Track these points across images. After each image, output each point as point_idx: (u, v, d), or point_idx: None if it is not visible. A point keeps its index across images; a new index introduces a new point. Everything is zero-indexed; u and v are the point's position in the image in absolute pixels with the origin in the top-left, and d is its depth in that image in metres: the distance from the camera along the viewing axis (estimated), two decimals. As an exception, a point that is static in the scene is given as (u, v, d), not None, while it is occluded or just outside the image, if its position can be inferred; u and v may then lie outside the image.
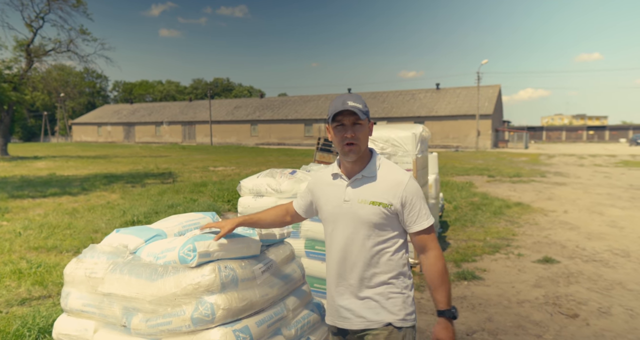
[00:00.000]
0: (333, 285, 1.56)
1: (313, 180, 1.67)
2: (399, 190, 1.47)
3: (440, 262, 1.48)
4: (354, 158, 1.48)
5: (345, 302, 1.52)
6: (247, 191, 2.99)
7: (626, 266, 4.40)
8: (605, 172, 15.36)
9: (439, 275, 1.46)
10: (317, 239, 2.74)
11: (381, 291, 1.49)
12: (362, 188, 1.49)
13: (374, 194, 1.48)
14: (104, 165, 19.14)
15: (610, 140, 59.13)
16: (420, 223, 1.48)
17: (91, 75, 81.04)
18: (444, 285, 1.46)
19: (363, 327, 1.50)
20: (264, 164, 20.20)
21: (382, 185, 1.49)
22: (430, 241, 1.49)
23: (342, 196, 1.51)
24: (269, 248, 1.86)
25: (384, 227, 1.48)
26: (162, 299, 1.45)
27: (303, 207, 1.70)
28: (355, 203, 1.48)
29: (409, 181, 1.49)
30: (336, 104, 1.45)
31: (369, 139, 1.53)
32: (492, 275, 4.17)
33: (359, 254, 1.49)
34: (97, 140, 59.40)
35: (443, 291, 1.46)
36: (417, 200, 1.48)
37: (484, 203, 8.31)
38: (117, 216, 7.02)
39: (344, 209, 1.50)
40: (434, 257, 1.48)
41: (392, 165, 1.56)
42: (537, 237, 5.75)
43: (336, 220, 1.52)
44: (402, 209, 1.47)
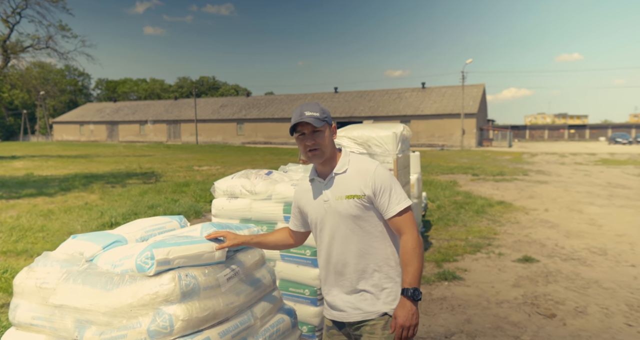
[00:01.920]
0: (328, 281, 1.63)
1: (296, 194, 1.73)
2: (368, 178, 1.52)
3: (411, 242, 1.50)
4: (318, 161, 1.57)
5: (341, 297, 1.58)
6: (221, 193, 2.90)
7: (603, 264, 4.46)
8: (585, 170, 15.69)
9: (407, 255, 1.49)
10: (293, 242, 2.67)
11: (375, 282, 1.54)
12: (336, 185, 1.56)
13: (348, 188, 1.54)
14: (85, 165, 18.68)
15: (590, 138, 60.65)
16: (392, 208, 1.52)
17: (73, 73, 79.13)
18: (410, 265, 1.48)
19: (360, 319, 1.56)
20: (249, 163, 20.02)
21: (353, 178, 1.55)
22: (403, 225, 1.52)
23: (321, 197, 1.59)
24: (237, 253, 1.79)
25: (364, 218, 1.54)
26: (117, 311, 1.37)
27: (297, 222, 1.75)
28: (333, 201, 1.55)
29: (376, 168, 1.54)
30: (295, 116, 1.54)
31: (332, 141, 1.59)
32: (473, 275, 4.17)
33: (348, 249, 1.55)
34: (79, 139, 58.04)
35: (408, 271, 1.48)
36: (387, 185, 1.52)
37: (467, 202, 8.37)
38: (94, 218, 6.82)
39: (325, 209, 1.57)
40: (406, 239, 1.51)
41: (361, 158, 1.62)
42: (518, 236, 5.80)
43: (321, 221, 1.59)
44: (374, 197, 1.53)
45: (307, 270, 2.60)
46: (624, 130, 57.60)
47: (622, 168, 16.33)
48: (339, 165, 1.58)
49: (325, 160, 1.57)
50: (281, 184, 2.74)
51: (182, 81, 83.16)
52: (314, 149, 1.53)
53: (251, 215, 2.78)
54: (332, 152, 1.59)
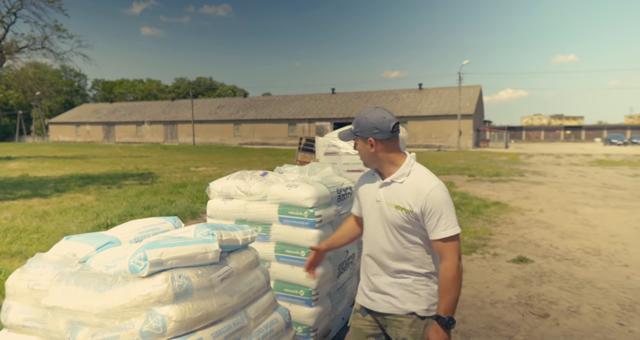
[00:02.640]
0: (365, 269, 1.73)
1: (359, 180, 1.84)
2: (420, 198, 1.56)
3: (450, 272, 1.54)
4: (367, 167, 1.73)
5: (374, 287, 1.69)
6: (217, 194, 2.91)
7: (596, 264, 4.49)
8: (580, 171, 15.78)
9: (445, 284, 1.54)
10: (287, 243, 2.68)
11: (408, 284, 1.62)
12: (390, 191, 1.64)
13: (399, 198, 1.60)
14: (81, 166, 18.61)
15: (586, 139, 61.00)
16: (438, 233, 1.55)
17: (69, 74, 78.79)
18: (448, 294, 1.53)
19: (388, 312, 1.65)
20: (246, 164, 20.00)
21: (407, 191, 1.60)
22: (446, 251, 1.55)
23: (375, 196, 1.68)
24: (231, 254, 1.79)
25: (409, 229, 1.60)
26: (109, 312, 1.37)
27: (359, 208, 1.85)
28: (384, 204, 1.64)
29: (432, 191, 1.56)
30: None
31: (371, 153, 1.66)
32: (468, 276, 4.19)
33: (391, 249, 1.63)
34: (75, 140, 57.79)
35: (445, 300, 1.54)
36: (437, 210, 1.55)
37: (463, 203, 8.40)
38: (89, 219, 6.80)
39: (376, 208, 1.67)
40: (445, 267, 1.55)
41: (422, 172, 1.65)
42: (513, 236, 5.83)
43: (369, 215, 1.70)
44: (422, 216, 1.57)
45: (302, 271, 2.61)
46: (619, 131, 57.98)
47: (617, 169, 16.44)
48: (398, 173, 1.63)
49: (380, 165, 1.67)
50: (276, 185, 2.75)
51: (179, 82, 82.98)
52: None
53: (246, 216, 2.78)
54: (379, 163, 1.67)
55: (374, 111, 1.66)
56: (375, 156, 1.66)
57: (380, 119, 1.63)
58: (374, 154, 1.65)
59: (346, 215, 3.04)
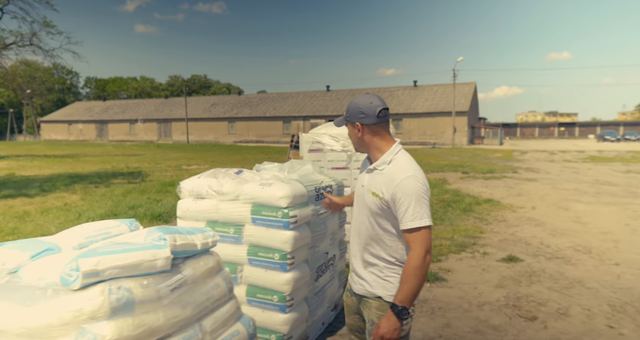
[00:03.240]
0: (350, 251, 1.82)
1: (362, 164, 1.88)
2: (391, 186, 1.57)
3: (412, 262, 1.53)
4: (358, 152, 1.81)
5: (354, 269, 1.77)
6: (187, 193, 2.75)
7: (587, 263, 4.39)
8: (573, 167, 15.76)
9: (406, 272, 1.54)
10: (260, 245, 2.53)
11: (380, 269, 1.66)
12: (371, 177, 1.68)
13: (376, 185, 1.64)
14: (71, 165, 18.32)
15: (580, 136, 61.30)
16: (405, 223, 1.55)
17: (61, 72, 77.80)
18: (406, 283, 1.52)
19: (361, 293, 1.72)
20: (240, 162, 19.81)
21: (382, 179, 1.62)
22: (412, 241, 1.55)
23: (361, 180, 1.75)
24: (187, 261, 1.64)
25: (382, 216, 1.62)
26: (34, 331, 1.21)
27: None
28: (366, 190, 1.69)
29: (403, 180, 1.56)
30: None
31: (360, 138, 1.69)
32: (456, 276, 4.07)
33: (366, 233, 1.68)
34: (67, 139, 57.15)
35: (402, 289, 1.53)
36: (407, 200, 1.54)
37: (455, 200, 8.30)
38: (71, 219, 6.61)
39: (360, 192, 1.73)
40: (411, 256, 1.54)
41: (402, 162, 1.64)
42: (504, 234, 5.72)
43: (357, 199, 1.77)
44: (392, 205, 1.58)
45: (276, 275, 2.47)
46: (612, 127, 58.29)
47: (609, 165, 16.43)
48: (380, 161, 1.66)
49: (367, 150, 1.71)
50: (249, 184, 2.60)
51: (173, 80, 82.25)
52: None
53: (218, 216, 2.63)
54: (367, 148, 1.71)
55: (364, 96, 1.68)
56: (362, 141, 1.70)
57: (368, 104, 1.65)
58: (361, 139, 1.69)
59: (324, 214, 2.90)
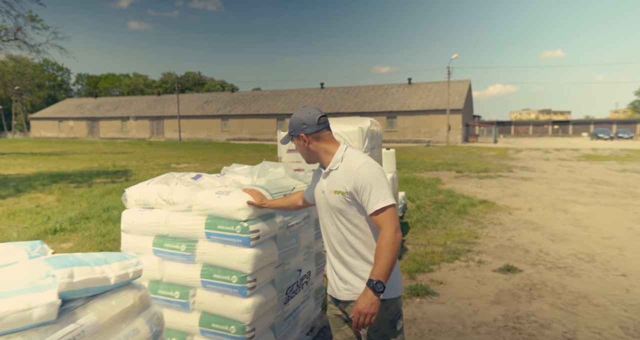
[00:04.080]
0: (328, 261, 1.81)
1: (314, 173, 1.93)
2: (351, 177, 1.63)
3: (386, 238, 1.57)
4: (310, 164, 1.86)
5: (334, 276, 1.78)
6: (134, 202, 2.34)
7: (591, 274, 4.04)
8: (569, 166, 15.50)
9: (379, 249, 1.57)
10: (216, 265, 2.13)
11: (361, 268, 1.67)
12: (330, 179, 1.72)
13: (336, 183, 1.69)
14: (56, 163, 17.78)
15: (573, 134, 61.41)
16: (371, 206, 1.60)
17: (51, 68, 76.49)
18: (380, 260, 1.55)
19: (347, 299, 1.71)
20: (231, 160, 19.40)
21: (340, 175, 1.68)
22: (382, 221, 1.60)
23: (320, 187, 1.78)
24: (91, 302, 1.24)
25: (349, 212, 1.67)
26: None
27: (311, 195, 1.95)
28: (327, 193, 1.72)
29: (360, 167, 1.63)
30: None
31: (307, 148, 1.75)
32: (449, 289, 3.70)
33: (337, 236, 1.72)
34: (58, 136, 56.23)
35: (377, 265, 1.56)
36: (368, 184, 1.60)
37: (449, 201, 7.94)
38: (38, 223, 6.16)
39: (322, 199, 1.76)
40: (382, 234, 1.58)
41: (354, 155, 1.71)
42: (500, 239, 5.37)
43: (319, 206, 1.80)
44: (356, 194, 1.63)
45: (233, 301, 2.07)
46: (606, 125, 58.40)
47: (605, 164, 16.20)
48: (332, 162, 1.72)
49: (318, 158, 1.76)
50: (204, 192, 2.19)
51: (166, 76, 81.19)
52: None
53: (167, 230, 2.23)
54: (316, 155, 1.76)
55: (302, 110, 1.75)
56: (310, 150, 1.75)
57: (307, 115, 1.73)
58: (309, 149, 1.75)
59: (296, 226, 2.50)
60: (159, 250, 2.22)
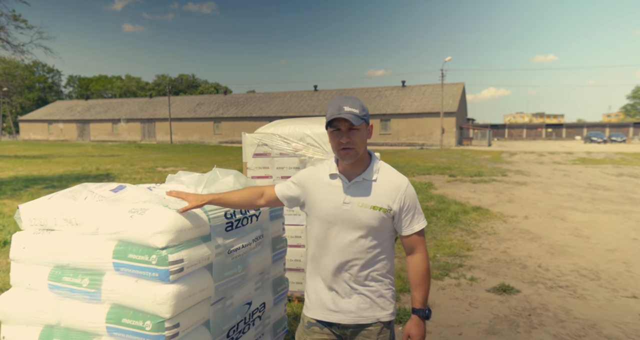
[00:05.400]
0: (319, 279, 1.60)
1: (306, 175, 1.64)
2: (399, 194, 1.51)
3: (424, 263, 1.55)
4: (350, 161, 1.51)
5: (335, 298, 1.57)
6: (28, 222, 1.84)
7: (597, 294, 3.58)
8: (564, 170, 15.17)
9: (420, 276, 1.53)
10: (126, 306, 1.63)
11: (375, 289, 1.55)
12: (362, 191, 1.52)
13: (375, 198, 1.51)
14: (38, 166, 17.15)
15: (567, 137, 61.57)
16: (412, 226, 1.54)
17: (42, 70, 75.36)
18: (423, 285, 1.53)
19: (355, 323, 1.56)
20: (220, 163, 18.89)
21: (382, 189, 1.52)
22: (419, 243, 1.55)
23: (341, 198, 1.53)
24: None
25: (381, 230, 1.53)
26: None
27: (287, 196, 1.67)
28: (355, 206, 1.51)
29: (408, 185, 1.55)
30: (332, 110, 1.46)
31: (366, 142, 1.52)
32: (437, 314, 3.22)
33: (357, 255, 1.53)
34: (47, 139, 55.26)
35: (421, 291, 1.53)
36: (413, 204, 1.54)
37: (440, 208, 7.49)
38: (-11, 234, 5.60)
39: (343, 211, 1.52)
40: (419, 259, 1.54)
41: (390, 168, 1.59)
42: (495, 252, 4.91)
43: (334, 221, 1.54)
44: (399, 213, 1.52)
45: (147, 354, 1.57)
46: (599, 129, 58.60)
47: (600, 168, 15.90)
48: (370, 171, 1.54)
49: (356, 160, 1.52)
50: (114, 210, 1.69)
51: (160, 79, 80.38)
52: (348, 148, 1.47)
53: (68, 260, 1.72)
54: (364, 155, 1.54)
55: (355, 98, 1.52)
56: (366, 146, 1.54)
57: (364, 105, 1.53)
58: (366, 143, 1.53)
59: (243, 250, 2.01)
60: (56, 286, 1.72)
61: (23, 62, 63.03)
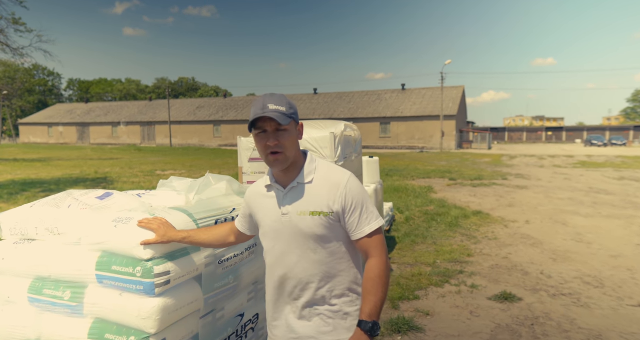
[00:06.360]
0: (278, 304, 1.41)
1: (249, 193, 1.50)
2: (338, 193, 1.32)
3: (377, 269, 1.31)
4: (281, 168, 1.33)
5: (295, 322, 1.37)
6: (8, 231, 1.76)
7: (602, 303, 3.49)
8: (564, 173, 15.08)
9: (370, 283, 1.30)
10: (110, 321, 1.55)
11: (337, 308, 1.35)
12: (299, 197, 1.35)
13: (313, 202, 1.33)
14: (37, 170, 17.08)
15: (567, 140, 61.49)
16: (362, 229, 1.32)
17: (42, 73, 75.49)
18: (374, 295, 1.28)
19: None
20: (220, 167, 18.86)
21: (320, 191, 1.34)
22: (371, 247, 1.33)
23: (279, 209, 1.37)
24: None
25: (329, 238, 1.34)
26: None
27: (246, 224, 1.54)
28: (294, 216, 1.34)
29: (348, 181, 1.34)
30: (255, 109, 1.30)
31: (298, 144, 1.36)
32: (436, 323, 3.13)
33: (308, 271, 1.34)
34: (47, 142, 55.26)
35: (369, 301, 1.29)
36: (358, 202, 1.32)
37: (440, 212, 7.40)
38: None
39: (283, 223, 1.35)
40: (373, 264, 1.32)
41: (330, 166, 1.39)
42: (496, 258, 4.82)
43: (277, 236, 1.37)
44: (342, 214, 1.32)
45: (131, 371, 1.49)
46: (599, 132, 58.53)
47: (601, 171, 15.81)
48: (304, 173, 1.35)
49: (288, 166, 1.34)
50: (97, 219, 1.62)
51: (160, 82, 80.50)
52: (276, 152, 1.30)
53: (49, 271, 1.64)
54: (297, 157, 1.36)
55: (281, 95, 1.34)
56: (298, 148, 1.37)
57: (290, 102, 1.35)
58: (298, 145, 1.36)
59: (235, 260, 1.93)
60: (37, 299, 1.64)
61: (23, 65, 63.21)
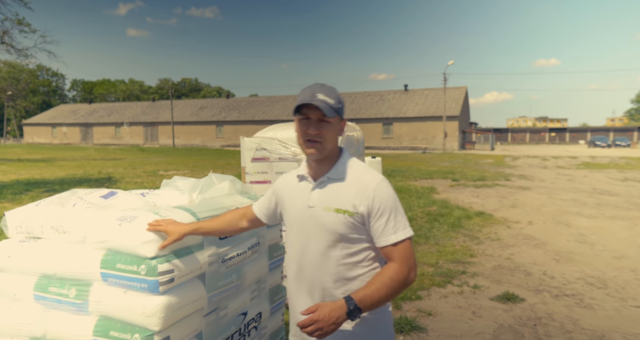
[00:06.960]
0: (299, 298, 1.37)
1: (281, 181, 1.48)
2: (365, 195, 1.27)
3: (393, 272, 1.24)
4: (315, 157, 1.32)
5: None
6: (14, 229, 1.78)
7: (605, 304, 3.48)
8: (568, 174, 15.03)
9: (381, 278, 1.23)
10: (114, 318, 1.56)
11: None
12: (327, 193, 1.32)
13: (340, 199, 1.30)
14: (40, 170, 17.18)
15: (570, 141, 61.23)
16: (387, 236, 1.27)
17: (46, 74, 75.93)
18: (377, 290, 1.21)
19: None
20: (223, 167, 18.91)
21: (349, 189, 1.30)
22: (398, 256, 1.26)
23: (306, 201, 1.35)
24: None
25: (351, 239, 1.29)
26: None
27: (265, 211, 1.52)
28: (319, 210, 1.31)
29: (378, 184, 1.29)
30: (303, 96, 1.27)
31: (337, 139, 1.33)
32: (438, 324, 3.13)
33: (323, 269, 1.31)
34: (51, 142, 55.57)
35: (370, 289, 1.21)
36: (387, 208, 1.27)
37: (443, 213, 7.40)
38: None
39: (307, 216, 1.34)
40: (391, 267, 1.25)
41: (364, 167, 1.37)
42: (499, 259, 4.81)
43: (299, 227, 1.36)
44: (367, 217, 1.27)
45: (135, 368, 1.50)
46: (603, 133, 58.25)
47: (605, 172, 15.74)
48: (336, 169, 1.33)
49: (323, 158, 1.32)
50: (102, 218, 1.63)
51: (163, 82, 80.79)
52: (315, 141, 1.27)
53: (54, 269, 1.66)
54: (333, 152, 1.34)
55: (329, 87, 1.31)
56: (336, 143, 1.35)
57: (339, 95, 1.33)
58: (336, 140, 1.34)
59: (238, 259, 1.95)
60: (42, 297, 1.66)
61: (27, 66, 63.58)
